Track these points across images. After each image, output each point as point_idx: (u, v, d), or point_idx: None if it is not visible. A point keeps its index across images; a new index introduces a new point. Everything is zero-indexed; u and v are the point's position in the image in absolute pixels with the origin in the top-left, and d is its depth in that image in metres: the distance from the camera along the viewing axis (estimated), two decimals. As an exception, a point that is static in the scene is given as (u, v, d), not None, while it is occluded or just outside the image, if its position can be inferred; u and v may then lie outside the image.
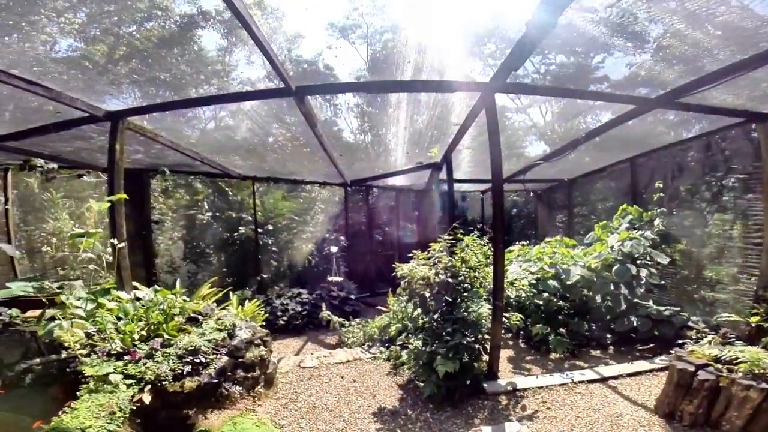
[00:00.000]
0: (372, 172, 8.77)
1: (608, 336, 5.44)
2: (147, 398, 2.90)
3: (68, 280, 4.55)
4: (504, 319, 4.42)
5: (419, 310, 4.53)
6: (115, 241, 4.17)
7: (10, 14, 3.63)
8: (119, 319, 3.68)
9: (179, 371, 3.20)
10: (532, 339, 5.44)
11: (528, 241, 8.75)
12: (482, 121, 4.54)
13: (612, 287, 5.47)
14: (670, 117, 7.53)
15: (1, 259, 6.64)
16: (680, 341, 4.46)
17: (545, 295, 5.60)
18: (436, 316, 4.24)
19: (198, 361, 3.35)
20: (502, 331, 4.61)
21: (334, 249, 7.61)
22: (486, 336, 4.31)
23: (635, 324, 5.16)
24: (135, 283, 4.75)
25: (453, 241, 4.55)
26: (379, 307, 6.97)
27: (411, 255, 4.83)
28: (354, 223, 10.48)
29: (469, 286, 4.41)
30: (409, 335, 5.22)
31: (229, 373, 3.53)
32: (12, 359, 3.51)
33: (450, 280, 4.21)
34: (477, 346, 4.19)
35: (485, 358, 4.39)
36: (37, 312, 3.69)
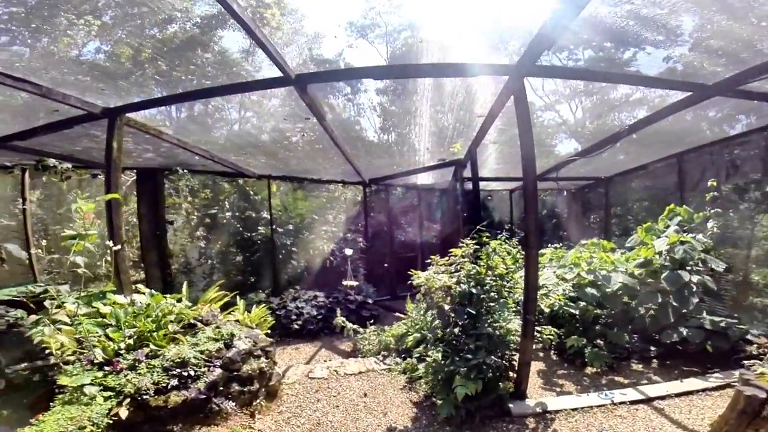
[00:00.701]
0: (391, 170, 8.35)
1: (651, 348, 4.85)
2: (123, 413, 2.60)
3: (57, 283, 4.36)
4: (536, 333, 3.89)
5: (438, 321, 4.06)
6: (111, 243, 3.95)
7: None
8: (108, 326, 3.44)
9: (164, 384, 2.89)
10: (566, 351, 4.87)
11: (560, 244, 8.09)
12: (509, 114, 4.04)
13: (659, 297, 4.80)
14: (710, 114, 6.80)
15: (21, 258, 6.72)
16: (737, 356, 3.91)
17: (582, 304, 5.00)
18: (456, 331, 3.75)
19: (186, 374, 3.04)
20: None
21: (349, 252, 7.22)
22: (514, 351, 3.80)
23: (685, 335, 4.49)
24: (140, 286, 4.56)
25: (477, 246, 4.04)
26: (397, 314, 6.55)
27: (430, 261, 4.38)
28: (374, 224, 10.09)
29: (496, 295, 3.90)
30: (428, 346, 4.77)
31: (222, 388, 3.20)
32: (7, 362, 3.35)
33: (473, 290, 3.72)
34: (503, 363, 3.68)
35: (512, 374, 3.88)
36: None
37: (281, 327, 6.35)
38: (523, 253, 4.01)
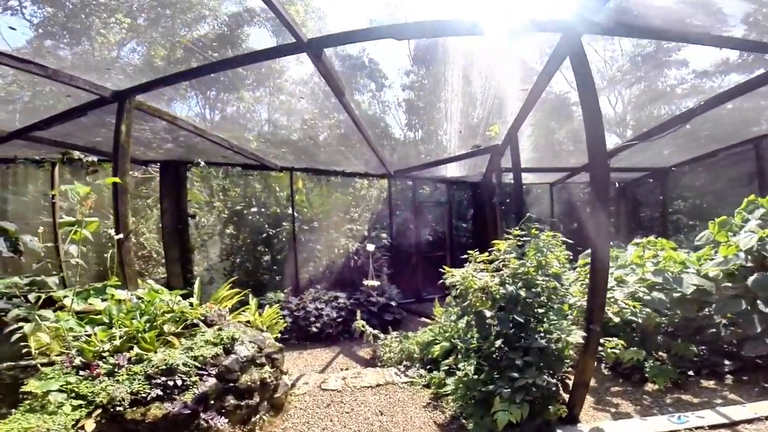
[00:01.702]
0: (418, 159, 7.76)
1: (726, 362, 4.06)
2: (90, 426, 2.21)
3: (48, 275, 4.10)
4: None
5: (474, 330, 3.44)
6: (113, 232, 3.65)
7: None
8: (100, 324, 3.11)
9: (144, 395, 2.48)
10: (621, 365, 4.12)
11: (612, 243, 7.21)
12: (548, 98, 3.40)
13: (743, 303, 3.94)
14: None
15: (50, 254, 6.71)
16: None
17: (646, 310, 4.21)
18: (499, 343, 3.12)
19: (173, 383, 2.62)
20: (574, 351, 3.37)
21: (371, 247, 6.68)
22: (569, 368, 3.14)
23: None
24: (151, 281, 4.25)
25: (525, 240, 3.40)
26: (423, 319, 5.99)
27: (466, 257, 3.78)
28: (399, 221, 9.53)
29: (546, 300, 3.24)
30: (459, 358, 4.17)
31: (214, 401, 2.76)
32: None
33: (522, 292, 3.08)
34: (555, 381, 3.03)
35: (563, 394, 3.21)
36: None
37: (299, 329, 5.94)
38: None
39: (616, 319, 3.77)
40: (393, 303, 6.73)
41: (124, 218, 4.00)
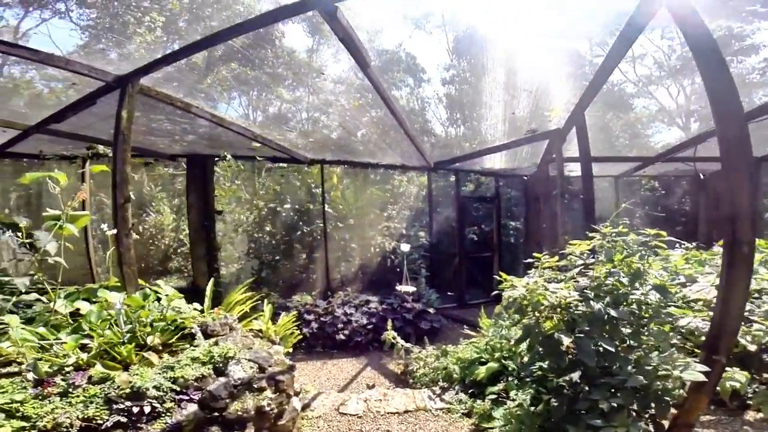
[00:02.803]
0: (462, 149, 6.91)
1: None
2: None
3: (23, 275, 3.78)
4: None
5: (539, 355, 2.60)
6: (105, 227, 3.27)
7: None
8: (78, 331, 2.68)
9: (100, 421, 1.98)
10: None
11: (693, 244, 5.93)
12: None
13: None
14: None
15: (81, 249, 6.70)
16: None
17: (754, 327, 3.15)
18: (576, 376, 2.28)
19: (138, 409, 2.10)
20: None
21: (405, 248, 5.93)
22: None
23: None
24: (159, 282, 3.87)
25: (608, 244, 2.52)
26: (466, 329, 5.20)
27: (529, 261, 2.96)
28: (440, 219, 8.71)
29: (644, 321, 2.35)
30: (510, 382, 3.37)
31: (189, 437, 2.20)
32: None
33: (612, 311, 2.24)
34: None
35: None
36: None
37: (326, 336, 5.37)
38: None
39: (753, 347, 2.74)
40: (431, 309, 5.96)
41: (124, 212, 3.61)
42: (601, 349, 2.17)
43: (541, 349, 2.43)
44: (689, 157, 6.22)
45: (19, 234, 3.47)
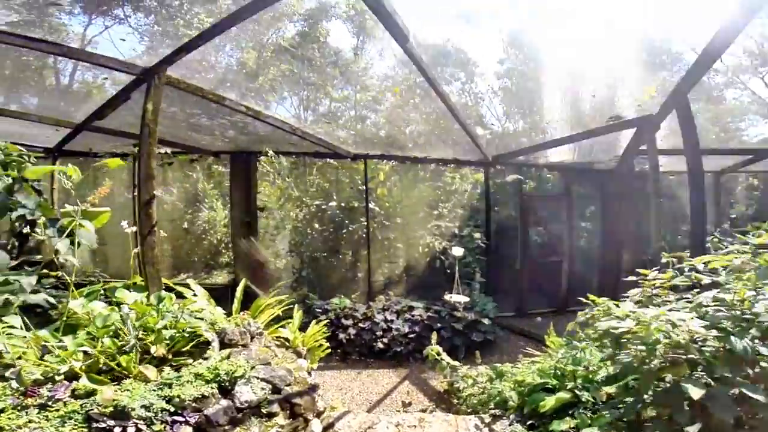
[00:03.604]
0: (518, 145, 6.08)
1: None
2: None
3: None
4: None
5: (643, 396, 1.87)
6: (125, 225, 3.05)
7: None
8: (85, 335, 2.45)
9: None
10: None
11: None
12: None
13: None
14: None
15: (125, 245, 6.90)
16: None
17: None
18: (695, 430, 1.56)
19: (120, 430, 1.77)
20: None
21: (457, 251, 5.23)
22: None
23: None
24: (190, 281, 3.65)
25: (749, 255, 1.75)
26: (526, 344, 4.47)
27: (625, 275, 2.25)
28: (498, 218, 7.87)
29: None
30: (584, 416, 2.65)
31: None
32: None
33: (763, 349, 1.48)
34: None
35: None
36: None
37: (363, 344, 4.91)
38: None
39: None
40: (485, 320, 5.24)
41: (148, 209, 3.41)
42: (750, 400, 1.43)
43: (648, 395, 1.71)
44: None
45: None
